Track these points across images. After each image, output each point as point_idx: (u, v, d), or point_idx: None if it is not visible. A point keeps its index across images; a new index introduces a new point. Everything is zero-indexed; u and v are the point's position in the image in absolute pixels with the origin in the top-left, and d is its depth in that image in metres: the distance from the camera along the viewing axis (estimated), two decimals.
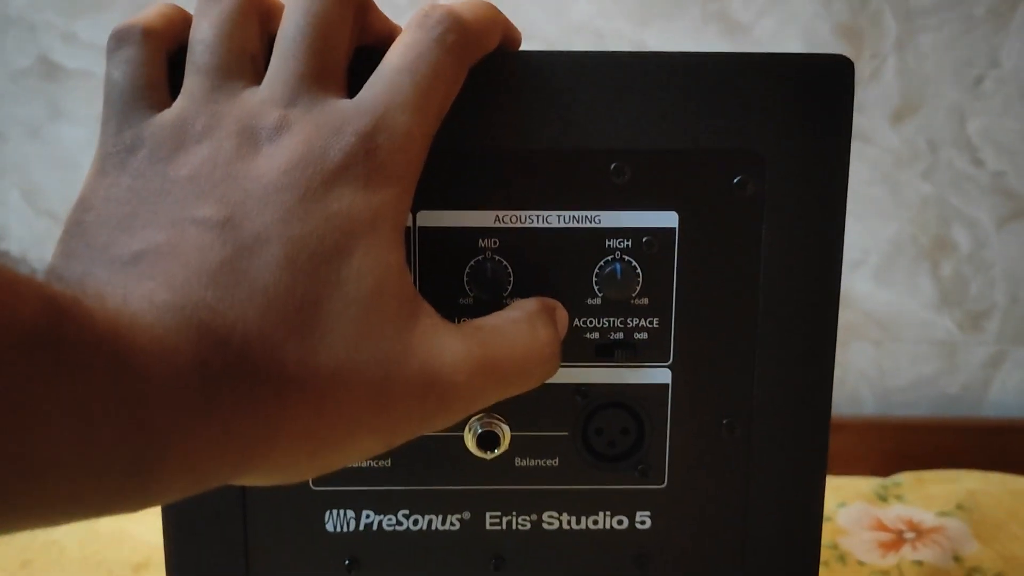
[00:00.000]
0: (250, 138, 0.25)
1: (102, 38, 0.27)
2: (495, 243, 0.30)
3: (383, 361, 0.24)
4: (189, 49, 0.27)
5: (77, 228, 0.24)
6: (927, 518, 0.57)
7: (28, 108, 0.73)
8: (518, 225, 0.30)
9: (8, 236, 0.75)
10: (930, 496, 0.60)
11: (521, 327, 0.28)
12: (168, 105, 0.26)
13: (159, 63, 0.27)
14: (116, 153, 0.25)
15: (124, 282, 0.22)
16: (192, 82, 0.26)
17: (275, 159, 0.24)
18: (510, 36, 0.30)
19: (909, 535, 0.55)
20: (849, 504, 0.59)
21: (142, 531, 0.54)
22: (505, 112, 0.30)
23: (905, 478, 0.62)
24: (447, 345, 0.25)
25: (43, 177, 0.74)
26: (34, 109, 0.73)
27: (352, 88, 0.26)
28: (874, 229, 0.71)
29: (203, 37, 0.26)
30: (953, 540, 0.54)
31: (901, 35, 0.68)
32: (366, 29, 0.28)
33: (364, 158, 0.24)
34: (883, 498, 0.60)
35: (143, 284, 0.21)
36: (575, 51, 0.30)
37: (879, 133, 0.70)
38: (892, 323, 0.73)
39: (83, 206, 0.25)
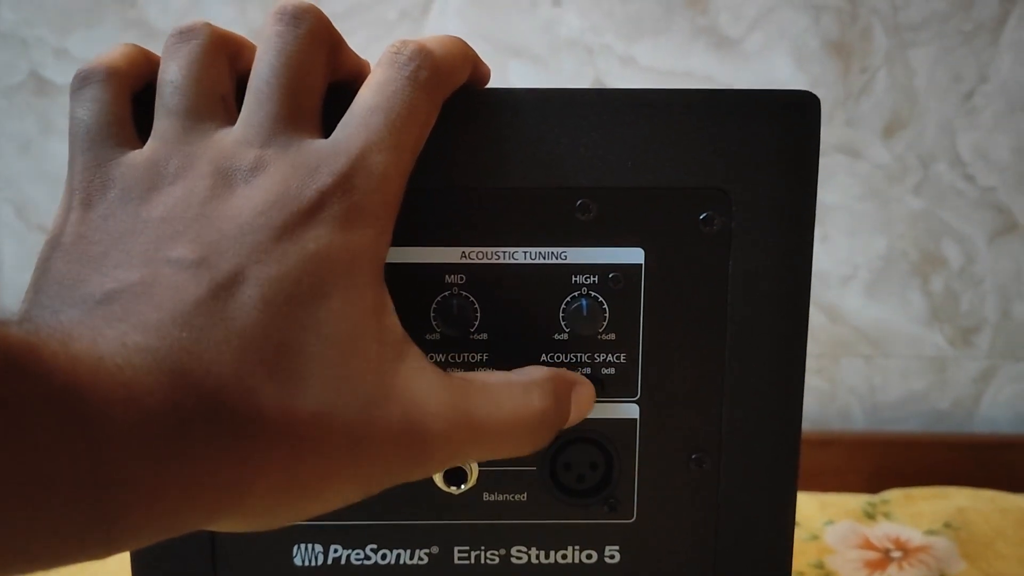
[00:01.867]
0: (225, 179, 0.24)
1: (93, 54, 0.28)
2: (461, 279, 0.30)
3: (363, 405, 0.23)
4: (158, 91, 0.26)
5: (47, 265, 0.24)
6: (914, 536, 0.56)
7: (20, 123, 0.73)
8: (484, 261, 0.30)
9: (1, 251, 0.75)
10: (918, 513, 0.59)
11: (514, 391, 0.27)
12: (135, 143, 0.26)
13: (124, 102, 0.27)
14: (83, 190, 0.25)
15: (94, 323, 0.21)
16: (163, 124, 0.26)
17: (251, 199, 0.24)
18: (479, 72, 0.30)
19: (896, 554, 0.55)
20: (837, 522, 0.59)
21: None
22: (471, 149, 0.30)
23: (894, 495, 0.62)
24: (431, 392, 0.25)
25: (35, 192, 0.74)
26: (26, 124, 0.73)
27: (323, 124, 0.26)
28: (864, 244, 0.71)
29: (172, 79, 0.26)
30: (940, 559, 0.54)
31: (891, 50, 0.68)
32: (337, 67, 0.28)
33: (341, 198, 0.24)
34: (871, 516, 0.60)
35: (115, 326, 0.21)
36: (541, 88, 0.30)
37: (869, 148, 0.69)
38: (882, 338, 0.73)
39: (53, 243, 0.25)
